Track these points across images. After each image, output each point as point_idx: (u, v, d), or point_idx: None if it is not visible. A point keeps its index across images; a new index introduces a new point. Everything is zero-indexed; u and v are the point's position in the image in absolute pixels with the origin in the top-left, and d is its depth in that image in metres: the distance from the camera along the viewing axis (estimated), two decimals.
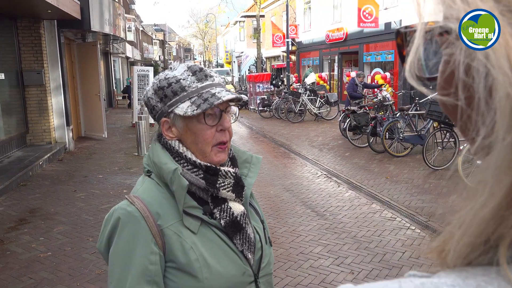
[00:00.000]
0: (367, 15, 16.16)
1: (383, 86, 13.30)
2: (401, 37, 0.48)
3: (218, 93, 1.19)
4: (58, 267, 4.25)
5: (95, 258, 4.41)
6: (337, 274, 4.06)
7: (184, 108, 1.18)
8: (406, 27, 0.47)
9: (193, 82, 1.20)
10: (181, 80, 1.20)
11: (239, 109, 20.04)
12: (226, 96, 1.18)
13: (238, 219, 1.25)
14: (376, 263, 4.27)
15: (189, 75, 1.22)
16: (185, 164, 1.22)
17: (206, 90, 1.20)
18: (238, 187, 1.28)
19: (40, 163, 8.34)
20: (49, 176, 7.90)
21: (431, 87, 0.44)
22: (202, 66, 1.26)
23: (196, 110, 1.16)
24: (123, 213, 1.17)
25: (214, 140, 1.23)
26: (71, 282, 3.95)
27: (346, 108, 10.70)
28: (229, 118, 1.26)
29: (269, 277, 1.33)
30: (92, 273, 4.12)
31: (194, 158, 1.22)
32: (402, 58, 0.47)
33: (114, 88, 24.08)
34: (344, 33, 19.98)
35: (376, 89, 12.75)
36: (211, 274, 1.15)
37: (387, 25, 16.46)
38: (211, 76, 1.24)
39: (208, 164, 1.23)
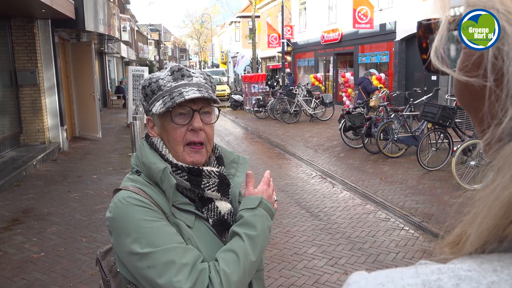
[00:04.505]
0: (362, 16, 16.20)
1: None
2: (422, 29, 0.50)
3: (186, 92, 1.19)
4: (51, 268, 4.23)
5: (89, 259, 4.39)
6: (331, 274, 4.07)
7: (156, 106, 1.21)
8: (428, 19, 0.49)
9: (169, 82, 1.22)
10: (159, 80, 1.23)
11: (234, 109, 20.06)
12: (191, 95, 1.17)
13: (226, 217, 1.27)
14: (370, 263, 4.28)
15: (167, 74, 1.24)
16: (169, 166, 1.22)
17: (178, 89, 1.20)
18: (224, 186, 1.28)
19: (34, 163, 8.30)
20: (42, 176, 7.86)
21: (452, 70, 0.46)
22: (183, 66, 1.26)
23: (162, 108, 1.18)
24: (131, 202, 1.15)
25: (184, 140, 1.23)
26: (64, 283, 3.93)
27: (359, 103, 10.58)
28: (209, 118, 1.26)
29: (260, 273, 1.34)
30: (85, 273, 4.10)
31: (175, 161, 1.23)
32: (422, 49, 0.50)
33: (108, 88, 23.99)
34: (339, 34, 20.04)
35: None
36: None
37: (382, 26, 16.52)
38: (189, 76, 1.24)
39: (190, 166, 1.23)
